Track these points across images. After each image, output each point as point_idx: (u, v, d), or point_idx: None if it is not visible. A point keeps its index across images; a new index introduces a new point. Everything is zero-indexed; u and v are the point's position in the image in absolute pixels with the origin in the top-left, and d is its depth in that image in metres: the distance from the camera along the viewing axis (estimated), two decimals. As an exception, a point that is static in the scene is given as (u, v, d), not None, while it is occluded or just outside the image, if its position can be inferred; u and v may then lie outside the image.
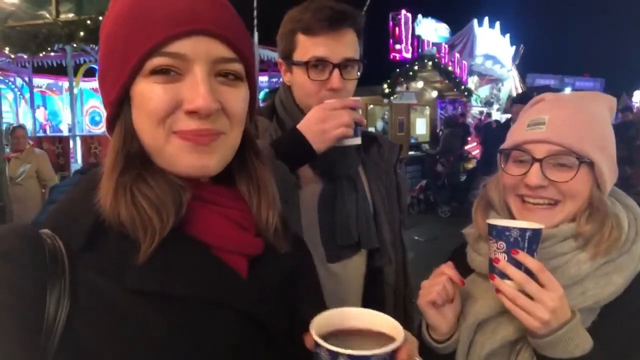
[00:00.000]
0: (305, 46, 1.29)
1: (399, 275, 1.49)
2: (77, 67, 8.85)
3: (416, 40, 11.90)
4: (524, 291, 0.90)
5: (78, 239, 0.64)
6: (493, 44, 16.89)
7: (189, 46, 0.66)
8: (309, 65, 1.28)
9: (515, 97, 11.13)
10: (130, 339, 0.62)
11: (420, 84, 12.36)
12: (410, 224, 8.56)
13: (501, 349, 1.00)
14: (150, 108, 0.67)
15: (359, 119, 1.24)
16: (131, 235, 0.65)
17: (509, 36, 18.33)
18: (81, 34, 5.80)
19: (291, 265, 0.83)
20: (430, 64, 11.67)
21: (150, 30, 0.65)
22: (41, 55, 6.86)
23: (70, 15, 6.09)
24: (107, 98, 0.70)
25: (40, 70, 10.65)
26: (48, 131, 12.51)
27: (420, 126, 13.41)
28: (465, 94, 13.68)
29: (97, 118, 13.03)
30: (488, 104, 17.59)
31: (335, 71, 1.28)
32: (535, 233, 0.91)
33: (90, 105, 13.01)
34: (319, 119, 1.21)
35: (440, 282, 1.03)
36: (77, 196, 0.71)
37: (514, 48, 18.99)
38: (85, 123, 12.63)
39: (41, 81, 12.59)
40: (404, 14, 11.76)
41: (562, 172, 1.00)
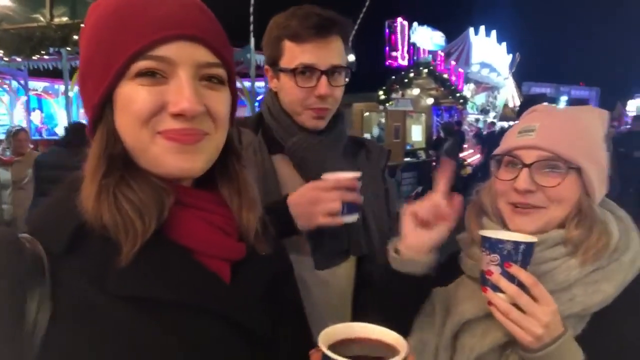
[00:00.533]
0: (293, 53, 1.28)
1: None
2: (73, 71, 8.83)
3: (412, 48, 11.96)
4: (516, 305, 0.89)
5: (59, 242, 0.64)
6: (489, 52, 17.02)
7: (174, 50, 0.67)
8: (296, 72, 1.27)
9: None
10: (111, 343, 0.62)
11: (416, 91, 12.41)
12: (404, 231, 8.68)
13: (490, 353, 1.00)
14: (134, 109, 0.67)
15: (354, 198, 1.22)
16: (113, 239, 0.65)
17: (505, 45, 18.46)
18: (75, 37, 5.84)
19: (273, 270, 0.84)
20: (425, 71, 11.74)
21: (136, 34, 0.66)
22: (35, 58, 6.85)
23: (64, 19, 6.12)
24: (90, 102, 0.70)
25: (37, 73, 10.62)
26: (44, 134, 12.47)
27: (416, 133, 13.46)
28: (461, 101, 13.75)
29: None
30: (484, 111, 17.67)
31: (323, 78, 1.27)
32: (528, 246, 0.91)
33: (86, 108, 12.93)
34: (310, 200, 1.19)
35: (430, 199, 1.03)
36: (58, 200, 0.71)
37: (511, 56, 19.10)
38: (81, 126, 12.54)
39: (37, 84, 12.56)
40: (400, 22, 11.84)
41: (551, 178, 1.01)
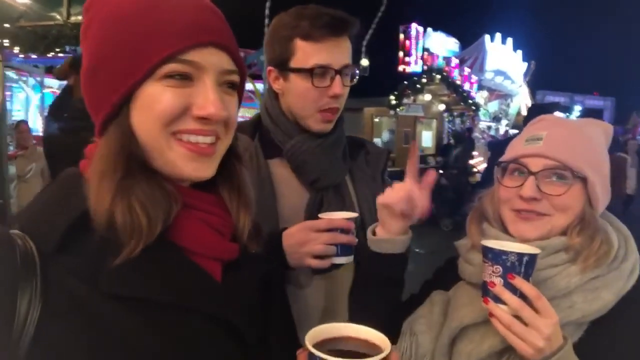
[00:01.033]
0: (306, 52, 1.27)
1: None
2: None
3: (425, 54, 11.90)
4: (517, 316, 0.89)
5: (51, 240, 0.63)
6: (504, 59, 16.84)
7: (203, 55, 0.70)
8: (313, 72, 1.26)
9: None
10: (102, 342, 0.62)
11: (427, 97, 12.37)
12: (412, 236, 8.65)
13: (487, 359, 0.99)
14: (159, 110, 0.68)
15: (349, 240, 1.21)
16: (115, 239, 0.64)
17: (520, 52, 18.28)
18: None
19: (263, 270, 0.85)
20: (438, 77, 11.69)
21: (169, 37, 0.67)
22: (50, 56, 6.92)
23: (81, 18, 6.14)
24: (106, 98, 0.69)
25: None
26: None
27: (426, 139, 13.42)
28: (473, 108, 13.65)
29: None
30: (496, 119, 17.51)
31: (337, 78, 1.27)
32: (532, 258, 0.91)
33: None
34: (299, 241, 1.19)
35: (404, 190, 1.07)
36: (53, 198, 0.70)
37: (526, 64, 18.92)
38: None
39: (53, 82, 12.72)
40: (415, 27, 11.77)
41: (556, 186, 1.02)
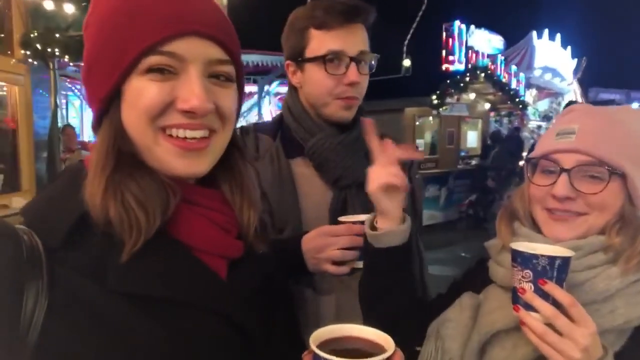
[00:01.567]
0: (320, 40, 1.27)
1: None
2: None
3: (469, 52, 11.61)
4: (551, 325, 0.82)
5: (57, 236, 0.64)
6: (553, 56, 16.28)
7: (185, 46, 0.68)
8: (325, 59, 1.26)
9: None
10: (108, 339, 0.62)
11: (472, 96, 12.05)
12: (457, 240, 8.58)
13: None
14: (143, 105, 0.67)
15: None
16: (117, 235, 0.65)
17: (570, 48, 17.64)
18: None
19: (268, 269, 0.84)
20: (482, 75, 11.37)
21: (148, 29, 0.66)
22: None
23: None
24: (96, 95, 0.70)
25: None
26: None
27: (471, 139, 13.06)
28: (520, 107, 13.19)
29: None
30: (547, 118, 16.89)
31: (352, 65, 1.26)
32: (564, 261, 0.84)
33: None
34: (317, 247, 1.19)
35: (389, 162, 1.06)
36: (58, 193, 0.71)
37: (576, 61, 18.22)
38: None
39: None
40: (458, 25, 11.54)
41: (592, 184, 0.94)
